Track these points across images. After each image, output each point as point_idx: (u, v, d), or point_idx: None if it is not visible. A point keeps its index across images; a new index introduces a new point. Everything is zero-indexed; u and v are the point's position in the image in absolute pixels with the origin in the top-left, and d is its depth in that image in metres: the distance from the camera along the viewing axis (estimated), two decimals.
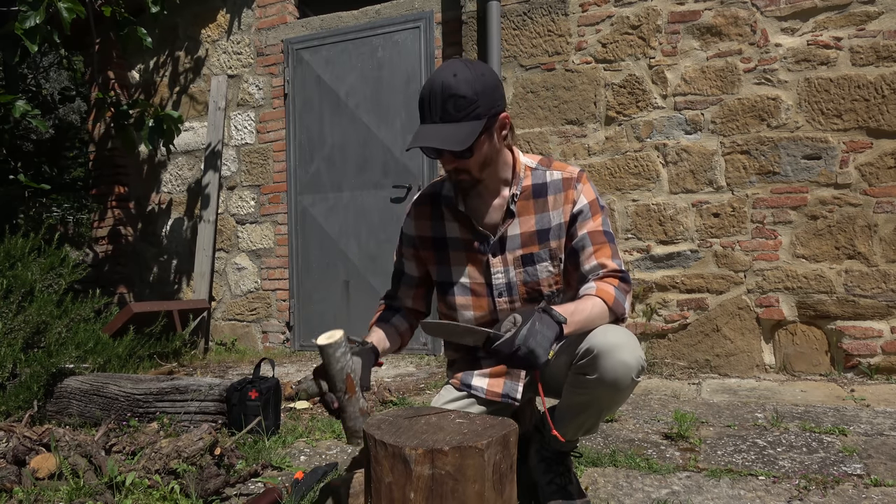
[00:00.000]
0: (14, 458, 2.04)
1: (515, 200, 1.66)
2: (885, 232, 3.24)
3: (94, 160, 5.63)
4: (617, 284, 1.58)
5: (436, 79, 1.49)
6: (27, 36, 3.61)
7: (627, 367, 1.52)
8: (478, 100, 1.48)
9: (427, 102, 1.50)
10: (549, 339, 1.36)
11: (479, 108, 1.49)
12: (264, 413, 2.44)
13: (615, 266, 1.62)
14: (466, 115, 1.48)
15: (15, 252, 3.29)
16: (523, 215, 1.67)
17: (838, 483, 1.90)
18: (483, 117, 1.50)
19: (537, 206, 1.67)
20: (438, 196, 1.76)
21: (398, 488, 1.17)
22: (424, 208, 1.77)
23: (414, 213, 1.78)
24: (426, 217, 1.76)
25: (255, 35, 4.90)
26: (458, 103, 1.47)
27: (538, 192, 1.68)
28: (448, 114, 1.47)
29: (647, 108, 3.66)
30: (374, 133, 4.45)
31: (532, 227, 1.67)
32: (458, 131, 1.48)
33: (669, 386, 3.27)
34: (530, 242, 1.67)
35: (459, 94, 1.47)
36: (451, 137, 1.47)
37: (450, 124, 1.48)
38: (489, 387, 1.75)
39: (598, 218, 1.66)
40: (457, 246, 1.72)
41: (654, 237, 3.64)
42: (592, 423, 1.70)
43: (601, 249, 1.63)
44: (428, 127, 1.50)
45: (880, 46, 3.24)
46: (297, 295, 4.75)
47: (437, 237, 1.75)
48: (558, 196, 1.67)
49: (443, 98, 1.47)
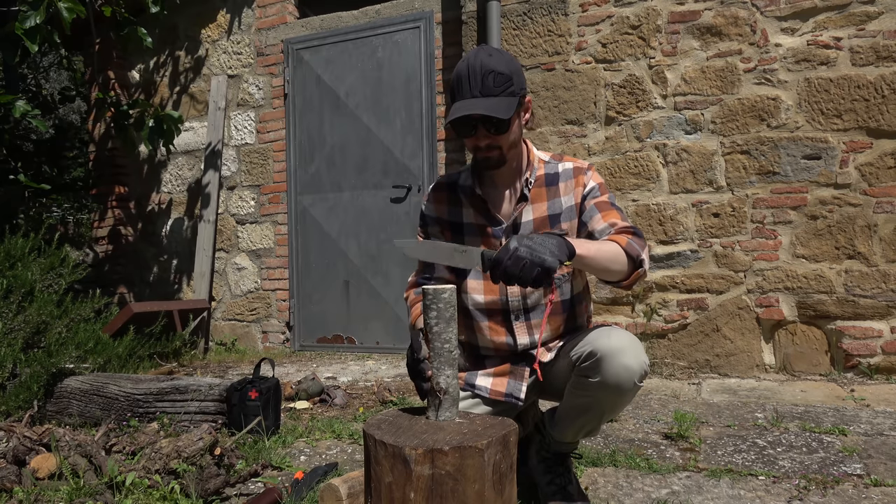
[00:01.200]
0: (14, 458, 2.05)
1: (529, 187, 1.70)
2: (884, 232, 3.24)
3: (94, 160, 5.63)
4: (630, 236, 1.59)
5: (473, 58, 1.56)
6: (27, 36, 3.61)
7: (630, 372, 1.52)
8: (513, 77, 1.56)
9: (467, 78, 1.55)
10: (552, 245, 1.34)
11: (514, 86, 1.56)
12: (264, 413, 2.44)
13: (625, 224, 1.63)
14: (504, 91, 1.55)
15: (15, 252, 3.29)
16: (536, 202, 1.72)
17: (838, 483, 1.90)
18: (517, 95, 1.58)
19: (550, 193, 1.72)
20: (455, 184, 1.80)
21: (398, 488, 1.17)
22: (442, 194, 1.82)
23: (433, 197, 1.83)
24: (444, 202, 1.81)
25: (255, 35, 4.90)
26: (497, 79, 1.54)
27: (551, 181, 1.73)
28: (488, 88, 1.53)
29: (647, 108, 3.66)
30: (374, 133, 4.45)
31: (544, 212, 1.71)
32: (500, 104, 1.54)
33: (669, 386, 3.27)
34: (542, 226, 1.71)
35: (498, 71, 1.54)
36: (494, 107, 1.53)
37: (490, 98, 1.54)
38: (493, 386, 1.75)
39: (605, 196, 1.71)
40: (472, 231, 1.76)
41: (654, 237, 3.64)
42: (593, 426, 1.70)
43: (609, 214, 1.67)
44: (467, 101, 1.55)
45: (880, 46, 3.24)
46: (297, 295, 4.75)
47: (453, 221, 1.79)
48: (569, 183, 1.72)
49: (482, 73, 1.53)
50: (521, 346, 1.74)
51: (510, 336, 1.74)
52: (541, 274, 1.30)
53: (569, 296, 1.75)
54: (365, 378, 3.65)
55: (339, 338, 4.61)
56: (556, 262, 1.31)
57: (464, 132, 1.60)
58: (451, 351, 1.29)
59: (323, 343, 4.67)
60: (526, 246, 1.32)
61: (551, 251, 1.32)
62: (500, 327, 1.74)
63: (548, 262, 1.30)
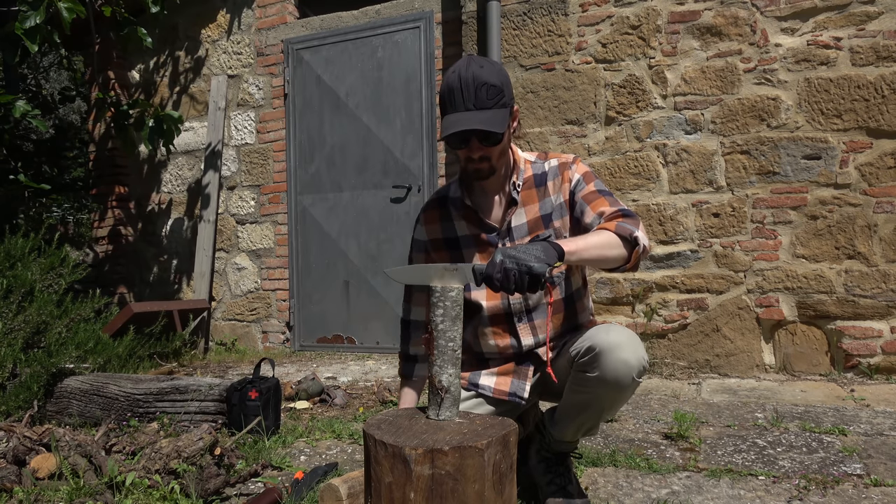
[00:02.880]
0: (14, 458, 2.04)
1: (518, 189, 1.71)
2: (884, 232, 3.24)
3: (94, 160, 5.63)
4: (619, 219, 1.58)
5: (464, 70, 1.55)
6: (27, 36, 3.61)
7: (629, 367, 1.52)
8: (503, 89, 1.56)
9: (459, 91, 1.54)
10: (537, 251, 1.36)
11: (505, 98, 1.57)
12: (264, 413, 2.44)
13: (614, 209, 1.63)
14: (496, 103, 1.55)
15: (15, 252, 3.29)
16: (527, 204, 1.72)
17: (838, 483, 1.90)
18: (508, 106, 1.58)
19: (539, 193, 1.73)
20: (445, 199, 1.80)
21: (398, 488, 1.17)
22: (433, 212, 1.81)
23: (423, 218, 1.83)
24: (436, 220, 1.80)
25: (255, 35, 4.90)
26: (490, 91, 1.54)
27: (539, 182, 1.73)
28: (482, 100, 1.53)
29: (647, 108, 3.66)
30: (374, 133, 4.45)
31: (537, 213, 1.72)
32: (494, 117, 1.54)
33: (669, 386, 3.27)
34: (536, 228, 1.71)
35: (491, 83, 1.54)
36: (490, 121, 1.53)
37: (484, 111, 1.54)
38: (496, 385, 1.75)
39: (591, 185, 1.71)
40: (468, 243, 1.76)
41: (654, 237, 3.63)
42: (593, 424, 1.70)
43: (597, 203, 1.66)
44: (461, 114, 1.55)
45: (880, 46, 3.24)
46: (297, 295, 4.75)
47: (448, 237, 1.79)
48: (556, 180, 1.73)
49: (476, 86, 1.53)
50: (526, 347, 1.74)
51: (514, 338, 1.74)
52: (532, 281, 1.32)
53: (564, 294, 1.75)
54: (365, 378, 3.65)
55: (339, 338, 4.61)
56: (543, 267, 1.33)
57: (456, 145, 1.60)
58: (455, 350, 1.29)
59: (323, 343, 4.67)
60: (511, 257, 1.34)
61: (537, 257, 1.34)
62: (504, 331, 1.75)
63: (535, 268, 1.32)
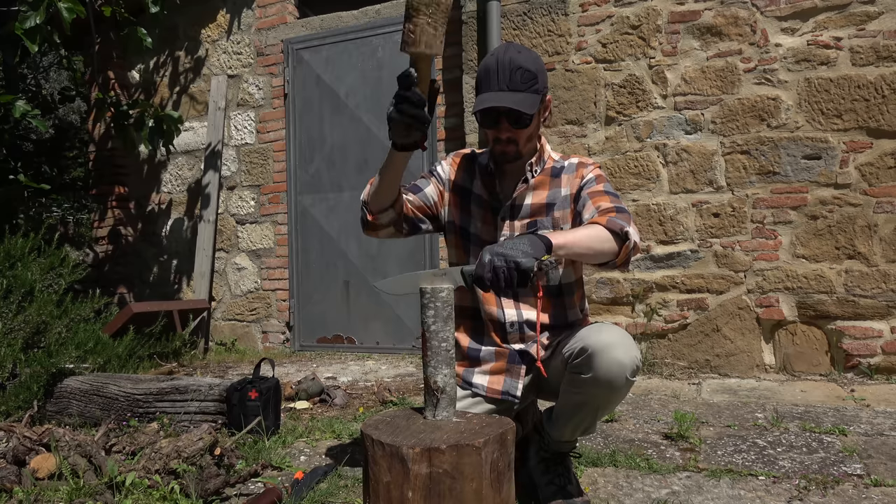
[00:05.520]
0: (14, 458, 2.04)
1: (535, 173, 1.78)
2: (885, 232, 3.24)
3: (94, 160, 5.63)
4: (612, 214, 1.61)
5: (503, 54, 1.63)
6: (27, 36, 3.61)
7: (622, 366, 1.52)
8: (538, 76, 1.64)
9: (495, 71, 1.62)
10: (524, 245, 1.38)
11: (538, 84, 1.64)
12: (264, 413, 2.44)
13: (611, 205, 1.66)
14: (529, 87, 1.62)
15: (15, 252, 3.29)
16: (539, 189, 1.79)
17: (838, 483, 1.90)
18: (540, 93, 1.66)
19: (553, 183, 1.80)
20: (475, 158, 1.89)
21: (396, 487, 1.17)
22: (462, 160, 1.91)
23: (452, 160, 1.92)
24: (462, 168, 1.89)
25: (255, 35, 4.90)
26: (525, 75, 1.61)
27: (556, 173, 1.81)
28: (515, 83, 1.61)
29: (647, 108, 3.66)
30: (375, 133, 4.45)
31: (543, 199, 1.78)
32: (525, 99, 1.62)
33: (669, 386, 3.27)
34: (538, 212, 1.78)
35: (526, 68, 1.62)
36: (520, 102, 1.59)
37: (517, 93, 1.61)
38: (489, 384, 1.76)
39: (600, 185, 1.75)
40: (478, 202, 1.84)
41: (654, 237, 3.63)
42: (589, 423, 1.71)
43: (598, 199, 1.70)
44: (494, 93, 1.61)
45: (880, 46, 3.23)
46: (297, 295, 4.75)
47: (464, 186, 1.87)
48: (571, 175, 1.80)
49: (511, 69, 1.61)
50: (509, 320, 1.77)
51: (500, 309, 1.78)
52: (520, 276, 1.35)
53: (557, 283, 1.77)
54: (365, 378, 3.65)
55: (339, 338, 4.61)
56: (531, 261, 1.35)
57: (487, 123, 1.67)
58: (448, 350, 1.29)
59: (323, 343, 4.67)
60: (498, 255, 1.37)
61: (524, 251, 1.36)
62: (492, 297, 1.80)
63: (522, 263, 1.35)
